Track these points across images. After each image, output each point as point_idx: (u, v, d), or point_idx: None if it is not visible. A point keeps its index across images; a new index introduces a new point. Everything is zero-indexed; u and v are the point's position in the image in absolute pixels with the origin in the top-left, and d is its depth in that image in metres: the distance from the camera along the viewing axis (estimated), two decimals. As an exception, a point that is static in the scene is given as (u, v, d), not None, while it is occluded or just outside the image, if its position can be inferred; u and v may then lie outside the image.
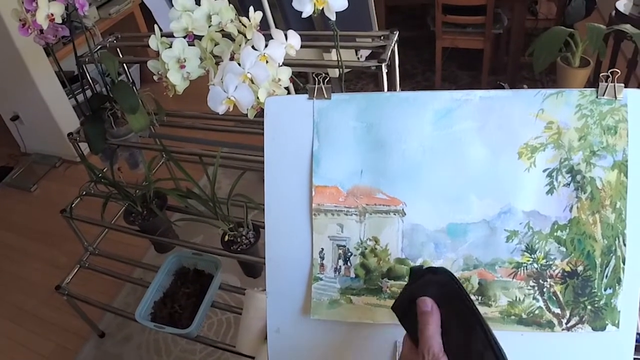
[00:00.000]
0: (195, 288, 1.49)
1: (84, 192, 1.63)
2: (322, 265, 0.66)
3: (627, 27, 1.42)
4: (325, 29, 2.07)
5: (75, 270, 1.70)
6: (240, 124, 1.67)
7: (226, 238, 1.38)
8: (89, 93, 1.49)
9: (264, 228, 1.41)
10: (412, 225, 0.64)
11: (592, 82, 1.82)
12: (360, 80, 2.89)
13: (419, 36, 3.11)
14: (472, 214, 0.64)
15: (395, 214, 0.64)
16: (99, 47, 1.50)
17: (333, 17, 0.87)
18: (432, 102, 0.63)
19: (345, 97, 0.65)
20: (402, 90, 1.35)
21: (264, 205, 1.45)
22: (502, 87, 2.64)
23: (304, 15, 0.87)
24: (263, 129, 1.59)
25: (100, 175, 1.56)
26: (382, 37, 1.31)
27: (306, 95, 0.66)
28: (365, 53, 2.19)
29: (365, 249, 0.65)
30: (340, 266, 0.66)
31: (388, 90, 1.26)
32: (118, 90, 1.38)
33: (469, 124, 0.63)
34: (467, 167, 0.63)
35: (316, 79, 0.65)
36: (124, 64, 1.65)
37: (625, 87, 0.63)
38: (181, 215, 1.55)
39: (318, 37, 1.58)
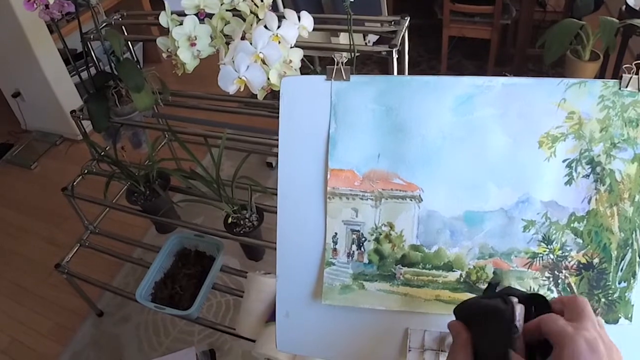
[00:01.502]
0: (197, 269, 1.49)
1: (86, 171, 1.62)
2: (334, 250, 0.65)
3: (639, 22, 1.41)
4: (334, 13, 2.06)
5: (75, 249, 1.69)
6: (245, 106, 1.66)
7: (229, 220, 1.37)
8: (92, 71, 1.47)
9: (267, 211, 1.42)
10: (428, 211, 0.63)
11: (600, 77, 1.81)
12: (365, 65, 2.86)
13: (425, 24, 3.08)
14: (489, 202, 0.63)
15: (411, 200, 0.63)
16: (104, 24, 1.48)
17: (351, -2, 0.85)
18: (453, 87, 0.62)
19: (364, 79, 0.63)
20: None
21: (268, 188, 1.44)
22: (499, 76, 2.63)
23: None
24: (268, 111, 1.58)
25: (102, 153, 1.54)
26: (392, 23, 1.29)
27: (324, 76, 0.65)
28: (373, 38, 2.18)
29: (380, 234, 0.64)
30: (353, 251, 0.65)
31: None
32: (123, 69, 1.36)
33: (490, 111, 0.62)
34: (486, 155, 0.62)
35: (335, 59, 0.63)
36: (129, 42, 1.63)
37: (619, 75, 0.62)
38: (184, 196, 1.54)
39: (326, 20, 1.56)
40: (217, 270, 1.43)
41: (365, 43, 2.06)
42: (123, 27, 1.53)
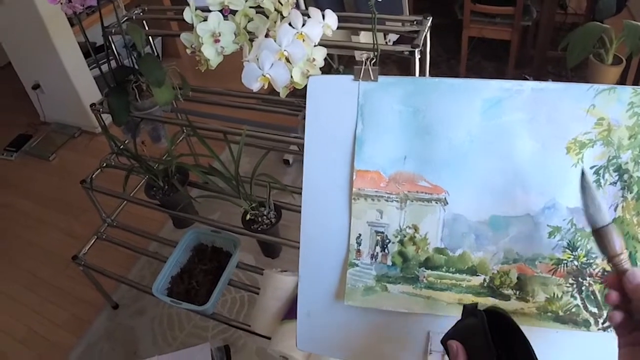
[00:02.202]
0: (213, 265, 1.50)
1: (105, 164, 1.63)
2: (358, 251, 0.65)
3: (667, 26, 1.39)
4: (355, 11, 2.05)
5: (93, 241, 1.70)
6: (263, 103, 1.66)
7: (247, 217, 1.38)
8: (112, 64, 1.48)
9: (285, 209, 1.42)
10: (453, 215, 0.63)
11: (622, 81, 1.78)
12: (385, 65, 2.85)
13: (444, 24, 3.06)
14: (516, 207, 0.62)
15: (437, 203, 0.63)
16: (125, 18, 1.49)
17: (379, -2, 0.85)
18: (481, 90, 0.62)
19: (392, 80, 0.63)
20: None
21: (287, 186, 1.44)
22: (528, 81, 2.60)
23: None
24: (288, 109, 1.58)
25: (121, 147, 1.55)
26: (415, 22, 1.29)
27: (351, 76, 0.65)
28: (393, 37, 2.17)
29: (404, 236, 0.64)
30: (377, 253, 0.65)
31: (419, 76, 1.24)
32: (145, 63, 1.37)
33: (519, 115, 0.61)
34: (513, 160, 0.62)
35: (363, 60, 0.63)
36: (149, 37, 1.64)
37: None
38: (202, 192, 1.55)
39: (348, 19, 1.56)
40: (233, 267, 1.44)
41: (386, 42, 2.05)
42: (144, 22, 1.54)
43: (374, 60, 0.63)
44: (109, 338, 1.83)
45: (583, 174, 0.53)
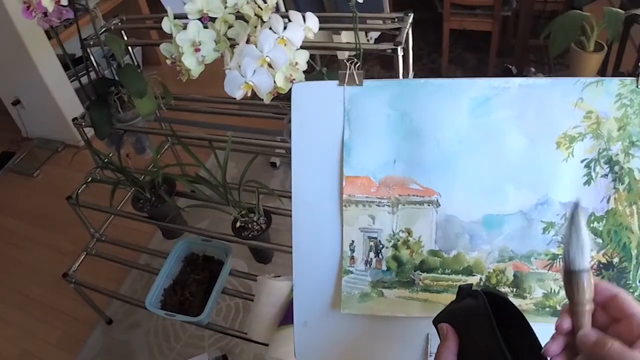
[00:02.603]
0: (205, 274, 1.48)
1: (90, 179, 1.61)
2: (352, 257, 0.64)
3: (645, 11, 1.40)
4: (335, 10, 2.04)
5: (82, 258, 1.68)
6: (247, 108, 1.65)
7: (238, 224, 1.36)
8: (92, 75, 1.46)
9: (274, 213, 1.41)
10: (446, 216, 0.62)
11: (604, 68, 1.79)
12: (365, 62, 2.82)
13: (425, 18, 3.05)
14: (508, 205, 0.62)
15: (429, 205, 0.62)
16: (103, 29, 1.47)
17: None
18: (468, 89, 0.61)
19: (377, 83, 0.62)
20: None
21: (275, 190, 1.43)
22: (510, 70, 2.61)
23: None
24: (273, 113, 1.57)
25: (106, 160, 1.53)
26: (396, 19, 1.28)
27: (336, 82, 0.64)
28: (374, 35, 2.16)
29: (398, 240, 0.63)
30: (371, 259, 0.64)
31: (403, 73, 1.23)
32: (125, 74, 1.35)
33: (507, 112, 0.61)
34: (504, 157, 0.61)
35: (347, 64, 0.62)
36: (129, 47, 1.61)
37: (635, 73, 0.61)
38: (190, 201, 1.53)
39: (328, 19, 1.55)
40: (226, 275, 1.42)
41: (367, 40, 2.04)
42: (122, 32, 1.52)
43: (358, 63, 0.62)
44: (105, 354, 1.81)
45: (576, 207, 0.47)
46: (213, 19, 0.99)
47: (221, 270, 1.41)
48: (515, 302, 0.63)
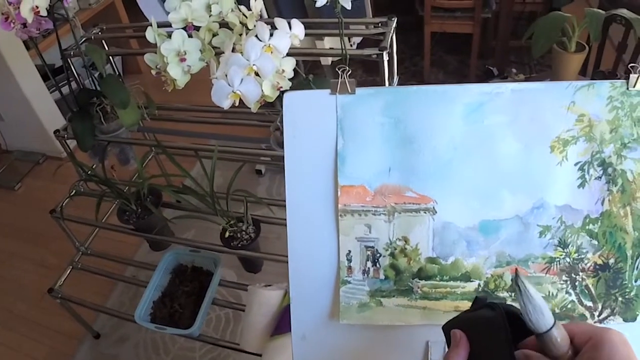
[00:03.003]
0: (194, 286, 1.46)
1: (74, 191, 1.58)
2: (349, 267, 0.63)
3: (624, 12, 1.42)
4: (318, 16, 2.04)
5: (68, 272, 1.65)
6: (229, 115, 1.63)
7: (227, 234, 1.35)
8: (73, 86, 1.43)
9: (263, 222, 1.40)
10: (443, 223, 0.62)
11: (584, 67, 1.82)
12: (349, 67, 2.82)
13: (405, 21, 3.06)
14: (504, 210, 0.62)
15: (425, 213, 0.62)
16: (83, 39, 1.45)
17: (348, 6, 0.84)
18: (462, 95, 0.61)
19: (370, 91, 0.62)
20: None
21: (263, 199, 1.41)
22: (491, 72, 2.63)
23: (318, 5, 0.84)
24: (258, 121, 1.55)
25: (89, 172, 1.50)
26: (379, 24, 1.29)
27: (328, 91, 0.63)
28: (357, 39, 2.16)
29: (395, 249, 0.63)
30: (369, 268, 0.63)
31: (388, 78, 1.24)
32: (107, 85, 1.33)
33: (501, 118, 0.61)
34: (499, 163, 0.61)
35: (339, 72, 0.62)
36: (110, 57, 1.59)
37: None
38: (176, 212, 1.51)
39: (311, 25, 1.54)
40: (215, 286, 1.41)
41: (350, 45, 2.04)
42: (103, 41, 1.49)
43: (349, 71, 0.62)
44: (93, 369, 1.78)
45: (517, 276, 0.46)
46: (197, 28, 0.97)
47: (211, 281, 1.40)
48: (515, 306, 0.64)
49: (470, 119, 0.61)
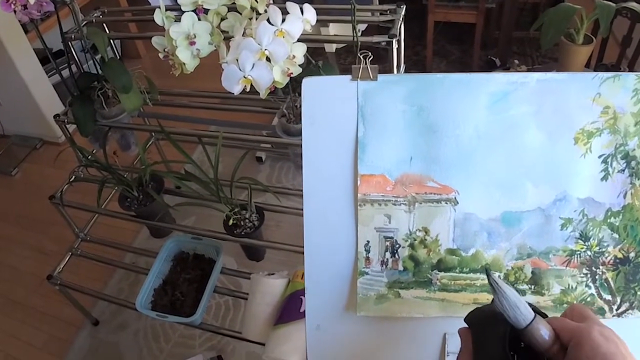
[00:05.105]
0: (196, 273, 1.45)
1: (74, 177, 1.56)
2: (367, 258, 0.62)
3: (635, 5, 1.41)
4: (322, 3, 2.01)
5: (67, 259, 1.63)
6: (231, 101, 1.61)
7: (230, 222, 1.33)
8: (72, 69, 1.41)
9: (266, 209, 1.38)
10: (464, 214, 0.61)
11: (590, 60, 1.80)
12: (350, 54, 2.82)
13: (409, 9, 3.04)
14: (527, 201, 0.61)
15: (447, 203, 0.61)
16: (84, 22, 1.42)
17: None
18: (487, 84, 0.59)
19: (392, 78, 0.60)
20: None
21: (269, 186, 1.40)
22: (494, 62, 2.61)
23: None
24: (261, 107, 1.53)
25: (90, 157, 1.48)
26: (387, 11, 1.27)
27: (349, 76, 0.61)
28: (362, 27, 2.14)
29: (415, 240, 0.62)
30: (387, 259, 0.62)
31: (396, 66, 1.22)
32: (110, 68, 1.31)
33: (525, 108, 0.59)
34: (522, 154, 0.60)
35: (361, 58, 0.60)
36: (111, 40, 1.56)
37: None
38: (177, 199, 1.50)
39: (317, 11, 1.53)
40: (217, 274, 1.39)
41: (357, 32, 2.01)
42: (104, 25, 1.47)
43: (371, 57, 0.60)
44: (93, 356, 1.77)
45: (488, 275, 0.47)
46: (207, 11, 0.95)
47: (213, 269, 1.38)
48: (534, 299, 0.63)
49: (495, 109, 0.59)
